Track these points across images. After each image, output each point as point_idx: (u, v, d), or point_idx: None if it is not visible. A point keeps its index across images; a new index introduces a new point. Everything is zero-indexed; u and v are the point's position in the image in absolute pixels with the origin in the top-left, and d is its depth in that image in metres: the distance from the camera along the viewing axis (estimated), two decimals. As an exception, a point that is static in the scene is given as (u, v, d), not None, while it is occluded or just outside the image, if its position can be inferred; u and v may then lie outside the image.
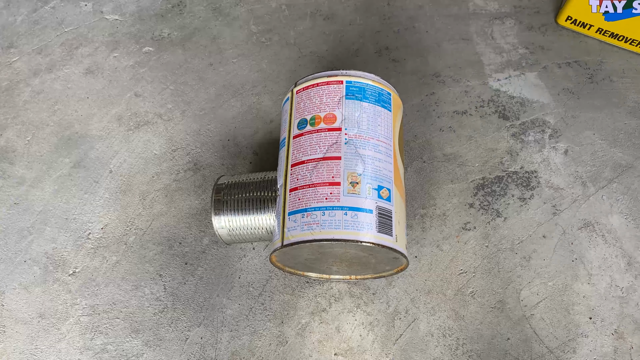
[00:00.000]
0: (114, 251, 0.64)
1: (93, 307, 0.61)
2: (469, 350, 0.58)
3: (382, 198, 0.50)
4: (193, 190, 0.68)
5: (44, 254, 0.64)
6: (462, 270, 0.62)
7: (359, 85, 0.55)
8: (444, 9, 0.82)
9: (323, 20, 0.82)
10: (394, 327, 0.60)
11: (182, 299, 0.62)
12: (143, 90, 0.76)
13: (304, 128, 0.54)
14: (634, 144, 0.70)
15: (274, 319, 0.60)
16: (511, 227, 0.65)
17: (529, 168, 0.68)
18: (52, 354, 0.59)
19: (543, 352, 0.58)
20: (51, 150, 0.71)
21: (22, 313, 0.61)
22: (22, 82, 0.77)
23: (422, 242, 0.64)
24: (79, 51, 0.79)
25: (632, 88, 0.74)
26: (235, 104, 0.74)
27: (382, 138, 0.53)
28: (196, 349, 0.59)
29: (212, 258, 0.64)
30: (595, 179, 0.68)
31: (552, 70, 0.76)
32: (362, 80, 0.55)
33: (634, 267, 0.62)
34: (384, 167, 0.52)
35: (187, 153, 0.71)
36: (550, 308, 0.60)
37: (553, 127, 0.71)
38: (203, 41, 0.80)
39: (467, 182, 0.68)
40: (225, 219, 0.56)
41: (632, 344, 0.58)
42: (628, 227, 0.64)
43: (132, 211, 0.67)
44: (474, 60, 0.77)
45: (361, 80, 0.55)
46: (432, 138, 0.71)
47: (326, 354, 0.59)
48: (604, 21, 0.75)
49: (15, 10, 0.84)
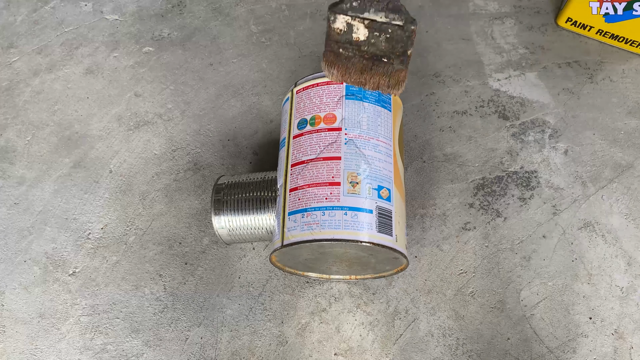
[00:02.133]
0: (114, 251, 0.64)
1: (93, 307, 0.61)
2: (469, 350, 0.58)
3: (382, 198, 0.51)
4: (193, 190, 0.68)
5: (44, 254, 0.64)
6: (462, 270, 0.63)
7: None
8: (444, 9, 0.82)
9: (323, 20, 0.82)
10: (394, 327, 0.60)
11: (182, 299, 0.62)
12: (143, 90, 0.76)
13: (304, 128, 0.54)
14: (634, 144, 0.70)
15: (274, 319, 0.60)
16: (511, 227, 0.65)
17: (529, 168, 0.68)
18: (52, 354, 0.59)
19: (543, 352, 0.58)
20: (51, 150, 0.71)
21: (22, 313, 0.61)
22: (22, 82, 0.77)
23: (422, 242, 0.64)
24: (79, 51, 0.79)
25: (632, 88, 0.74)
26: (235, 104, 0.74)
27: (382, 138, 0.53)
28: (196, 349, 0.59)
29: (212, 258, 0.64)
30: (595, 179, 0.68)
31: (552, 70, 0.76)
32: None
33: (634, 267, 0.62)
34: (383, 167, 0.52)
35: (187, 153, 0.71)
36: (550, 308, 0.60)
37: (553, 127, 0.71)
38: (203, 41, 0.80)
39: (467, 182, 0.68)
40: (225, 219, 0.56)
41: (632, 344, 0.58)
42: (628, 227, 0.64)
43: (132, 211, 0.67)
44: (474, 60, 0.77)
45: None
46: (432, 138, 0.71)
47: (326, 354, 0.59)
48: (604, 23, 0.75)
49: (15, 10, 0.84)
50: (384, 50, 0.45)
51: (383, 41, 0.44)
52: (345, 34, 0.45)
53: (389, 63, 0.46)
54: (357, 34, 0.44)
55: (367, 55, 0.46)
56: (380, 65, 0.46)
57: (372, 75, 0.47)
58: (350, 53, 0.46)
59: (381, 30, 0.43)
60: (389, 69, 0.46)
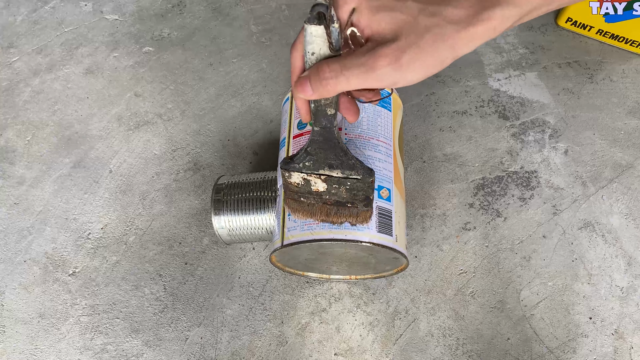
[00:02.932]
0: (114, 251, 0.64)
1: (93, 307, 0.61)
2: (469, 350, 0.58)
3: (382, 198, 0.50)
4: (193, 190, 0.68)
5: (44, 254, 0.64)
6: (462, 270, 0.63)
7: None
8: (444, 9, 0.82)
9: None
10: (394, 327, 0.60)
11: (182, 299, 0.62)
12: (143, 90, 0.76)
13: (304, 128, 0.54)
14: (634, 144, 0.70)
15: (274, 319, 0.60)
16: (511, 227, 0.65)
17: (529, 168, 0.68)
18: (52, 354, 0.59)
19: (543, 352, 0.58)
20: (51, 150, 0.71)
21: (22, 313, 0.61)
22: (22, 82, 0.77)
23: (422, 242, 0.64)
24: (79, 51, 0.79)
25: (632, 88, 0.74)
26: (235, 104, 0.74)
27: (382, 138, 0.53)
28: (196, 349, 0.59)
29: (212, 258, 0.64)
30: (595, 179, 0.68)
31: (552, 70, 0.76)
32: None
33: (634, 267, 0.62)
34: (383, 167, 0.52)
35: (187, 153, 0.71)
36: (550, 308, 0.60)
37: (553, 127, 0.71)
38: (203, 41, 0.80)
39: (467, 182, 0.68)
40: (225, 219, 0.56)
41: (632, 344, 0.58)
42: (628, 227, 0.64)
43: (132, 211, 0.67)
44: (474, 60, 0.77)
45: None
46: (432, 138, 0.71)
47: (326, 354, 0.59)
48: (604, 23, 0.75)
49: (15, 10, 0.84)
50: (346, 198, 0.45)
51: (343, 192, 0.44)
52: (303, 187, 0.45)
53: (353, 207, 0.46)
54: (315, 186, 0.44)
55: (330, 202, 0.46)
56: (345, 209, 0.46)
57: (339, 217, 0.47)
58: (313, 201, 0.46)
59: (340, 184, 0.43)
60: (354, 211, 0.47)
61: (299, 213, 0.48)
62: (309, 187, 0.45)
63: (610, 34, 0.76)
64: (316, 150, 0.42)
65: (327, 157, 0.42)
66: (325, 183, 0.44)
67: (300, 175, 0.43)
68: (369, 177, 0.42)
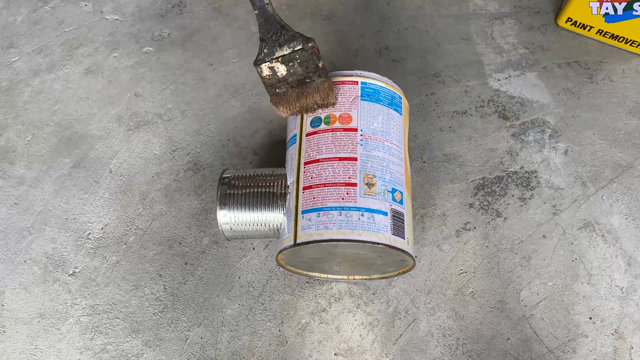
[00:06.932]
0: (114, 251, 0.64)
1: (93, 307, 0.61)
2: (469, 350, 0.58)
3: (395, 201, 0.50)
4: (193, 190, 0.68)
5: (44, 254, 0.64)
6: (462, 270, 0.63)
7: (374, 87, 0.55)
8: (444, 9, 0.82)
9: (323, 20, 0.82)
10: (394, 327, 0.60)
11: (182, 299, 0.62)
12: (143, 90, 0.76)
13: (318, 126, 0.53)
14: (634, 144, 0.70)
15: (274, 319, 0.60)
16: (511, 227, 0.65)
17: (529, 168, 0.68)
18: (52, 354, 0.59)
19: (543, 352, 0.58)
20: (51, 150, 0.71)
21: (22, 313, 0.61)
22: (22, 82, 0.77)
23: (422, 242, 0.64)
24: (79, 51, 0.79)
25: (632, 88, 0.74)
26: (235, 104, 0.74)
27: (395, 141, 0.53)
28: (196, 349, 0.59)
29: (212, 258, 0.64)
30: (595, 179, 0.68)
31: (552, 70, 0.76)
32: (376, 82, 0.55)
33: (634, 267, 0.62)
34: (396, 170, 0.52)
35: (187, 153, 0.71)
36: (550, 308, 0.60)
37: (553, 127, 0.71)
38: (203, 41, 0.80)
39: (467, 182, 0.68)
40: (231, 214, 0.55)
41: (632, 344, 0.58)
42: (628, 227, 0.64)
43: (132, 211, 0.67)
44: (474, 60, 0.77)
45: (376, 82, 0.55)
46: (432, 138, 0.71)
47: (326, 354, 0.59)
48: (604, 23, 0.75)
49: (15, 10, 0.84)
50: (302, 74, 0.52)
51: (298, 67, 0.51)
52: (272, 76, 0.53)
53: (311, 81, 0.52)
54: (279, 71, 0.52)
55: (294, 84, 0.53)
56: (307, 85, 0.53)
57: (307, 97, 0.53)
58: (284, 89, 0.53)
59: (292, 59, 0.51)
60: (315, 85, 0.52)
61: (280, 106, 0.54)
62: (277, 75, 0.52)
63: (610, 34, 0.76)
64: (264, 34, 0.50)
65: (274, 37, 0.50)
66: (284, 65, 0.51)
67: (266, 65, 0.51)
68: (308, 42, 0.49)
